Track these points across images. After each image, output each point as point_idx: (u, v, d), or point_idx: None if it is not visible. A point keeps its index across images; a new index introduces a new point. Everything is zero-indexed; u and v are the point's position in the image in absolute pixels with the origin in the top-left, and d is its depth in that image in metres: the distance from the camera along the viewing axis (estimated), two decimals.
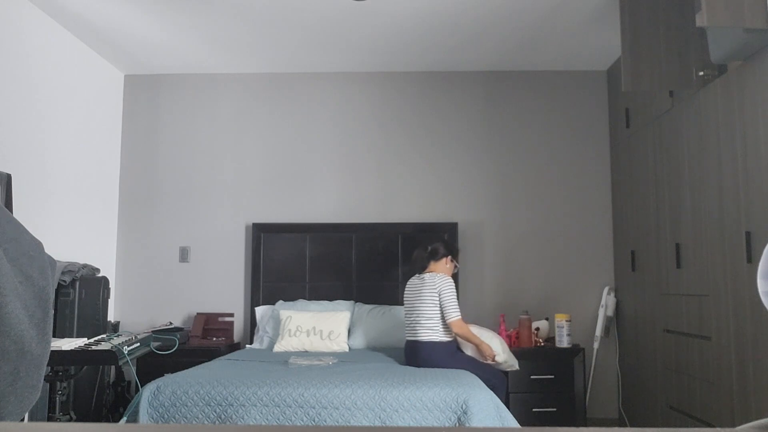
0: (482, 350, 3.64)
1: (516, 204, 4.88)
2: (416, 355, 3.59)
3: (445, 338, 3.60)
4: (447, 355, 3.56)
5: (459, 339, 3.68)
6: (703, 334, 3.25)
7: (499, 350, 3.69)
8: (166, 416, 2.86)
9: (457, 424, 2.80)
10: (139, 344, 2.81)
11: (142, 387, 2.99)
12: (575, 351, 4.31)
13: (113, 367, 4.42)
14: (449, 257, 3.83)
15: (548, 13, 3.98)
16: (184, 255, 4.91)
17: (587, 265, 4.80)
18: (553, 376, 4.23)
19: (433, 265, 3.79)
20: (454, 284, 3.67)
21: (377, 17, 4.02)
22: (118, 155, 5.02)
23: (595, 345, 4.60)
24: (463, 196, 4.90)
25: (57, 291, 3.84)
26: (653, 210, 3.93)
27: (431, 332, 3.59)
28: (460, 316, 3.59)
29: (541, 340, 4.42)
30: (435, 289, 3.62)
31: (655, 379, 3.90)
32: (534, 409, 4.18)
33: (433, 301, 3.61)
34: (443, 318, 3.60)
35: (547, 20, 4.08)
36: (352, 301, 4.63)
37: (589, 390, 4.60)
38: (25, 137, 3.80)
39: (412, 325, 3.66)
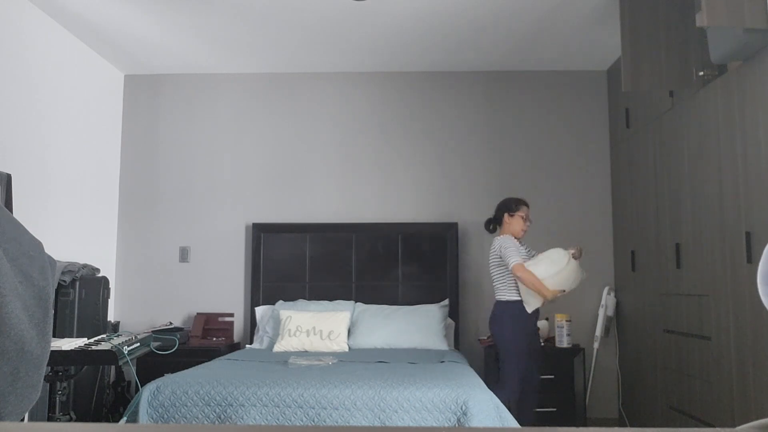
0: (544, 295, 3.65)
1: None
2: (492, 313, 3.80)
3: (513, 297, 3.75)
4: (510, 317, 3.71)
5: (524, 291, 3.71)
6: (703, 334, 3.25)
7: (554, 280, 3.65)
8: (166, 416, 2.86)
9: (457, 425, 2.80)
10: (139, 344, 2.81)
11: (142, 387, 2.99)
12: (575, 351, 4.31)
13: (113, 367, 4.42)
14: (506, 213, 3.90)
15: (548, 13, 3.98)
16: (184, 255, 4.91)
17: (587, 265, 4.80)
18: (553, 376, 4.23)
19: (500, 230, 3.95)
20: (511, 239, 3.79)
21: (377, 17, 4.02)
22: (118, 155, 5.02)
23: (595, 345, 4.60)
24: (463, 196, 4.90)
25: (57, 291, 3.84)
26: (653, 210, 3.93)
27: (500, 293, 3.80)
28: (518, 261, 3.67)
29: (541, 340, 4.42)
30: (495, 250, 3.81)
31: (655, 379, 3.90)
32: (534, 409, 4.18)
33: (495, 262, 3.81)
34: (507, 275, 3.75)
35: (547, 20, 4.08)
36: (352, 301, 4.63)
37: (589, 390, 4.60)
38: (25, 137, 3.80)
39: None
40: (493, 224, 3.98)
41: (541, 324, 4.52)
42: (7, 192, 3.36)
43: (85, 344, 2.64)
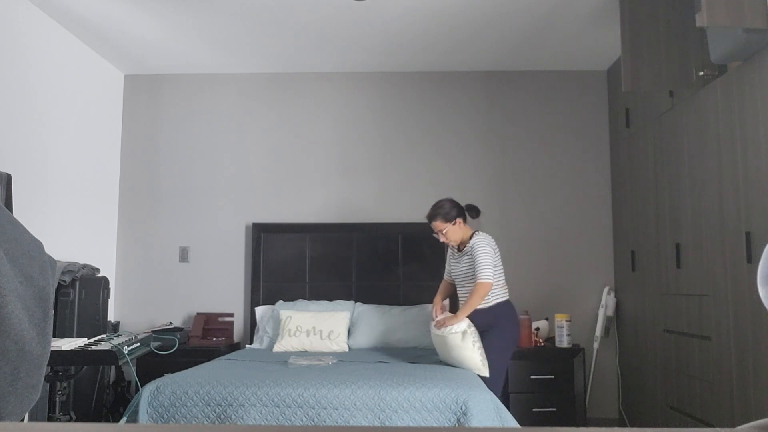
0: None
1: (516, 204, 4.88)
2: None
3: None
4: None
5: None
6: (703, 334, 3.25)
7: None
8: (165, 416, 2.86)
9: (457, 425, 2.80)
10: (139, 344, 2.81)
11: (142, 387, 2.99)
12: (575, 351, 4.31)
13: (113, 367, 4.42)
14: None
15: (548, 13, 3.98)
16: (184, 255, 4.91)
17: (587, 265, 4.80)
18: (553, 376, 4.23)
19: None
20: None
21: (377, 17, 4.02)
22: (118, 155, 5.02)
23: (595, 345, 4.60)
24: (462, 196, 4.89)
25: (57, 291, 3.84)
26: (653, 210, 3.93)
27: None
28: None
29: (541, 340, 4.42)
30: None
31: (655, 379, 3.90)
32: (534, 409, 4.18)
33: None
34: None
35: (546, 20, 4.08)
36: (352, 301, 4.63)
37: (589, 390, 4.60)
38: (25, 137, 3.80)
39: (505, 285, 3.65)
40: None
41: (541, 324, 4.52)
42: (7, 192, 3.36)
43: (85, 344, 2.64)
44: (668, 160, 3.69)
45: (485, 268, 3.45)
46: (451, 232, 3.59)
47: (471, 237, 3.61)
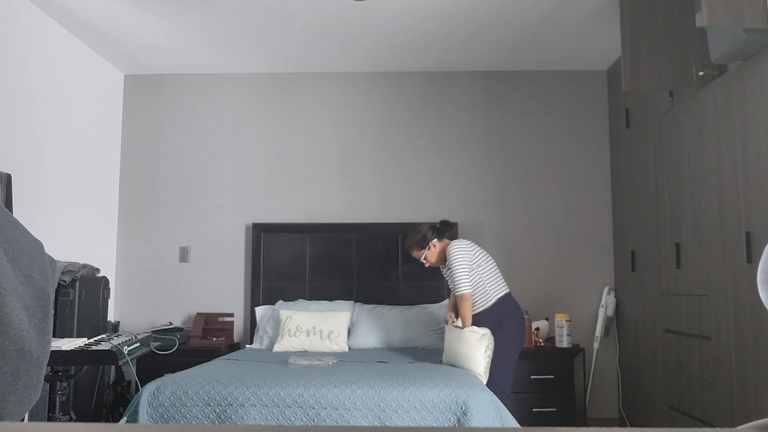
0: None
1: (516, 204, 4.88)
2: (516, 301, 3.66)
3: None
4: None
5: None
6: (703, 334, 3.25)
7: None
8: (165, 416, 2.86)
9: (457, 425, 2.80)
10: (139, 344, 2.81)
11: (142, 387, 2.99)
12: (575, 351, 4.31)
13: (113, 367, 4.42)
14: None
15: (548, 13, 3.98)
16: (184, 255, 4.91)
17: (587, 265, 4.80)
18: (553, 376, 4.23)
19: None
20: None
21: (377, 17, 4.02)
22: (118, 155, 5.02)
23: (595, 345, 4.60)
24: (463, 196, 4.90)
25: (57, 291, 3.84)
26: (653, 210, 3.93)
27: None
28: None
29: (541, 340, 4.42)
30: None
31: (655, 379, 3.90)
32: (534, 409, 4.18)
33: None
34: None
35: (547, 20, 4.08)
36: (352, 301, 4.63)
37: (589, 390, 4.60)
38: (25, 137, 3.80)
39: (501, 279, 3.66)
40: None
41: (541, 324, 4.52)
42: (7, 192, 3.36)
43: (85, 344, 2.64)
44: (668, 160, 3.69)
45: (459, 278, 3.52)
46: (430, 255, 3.71)
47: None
